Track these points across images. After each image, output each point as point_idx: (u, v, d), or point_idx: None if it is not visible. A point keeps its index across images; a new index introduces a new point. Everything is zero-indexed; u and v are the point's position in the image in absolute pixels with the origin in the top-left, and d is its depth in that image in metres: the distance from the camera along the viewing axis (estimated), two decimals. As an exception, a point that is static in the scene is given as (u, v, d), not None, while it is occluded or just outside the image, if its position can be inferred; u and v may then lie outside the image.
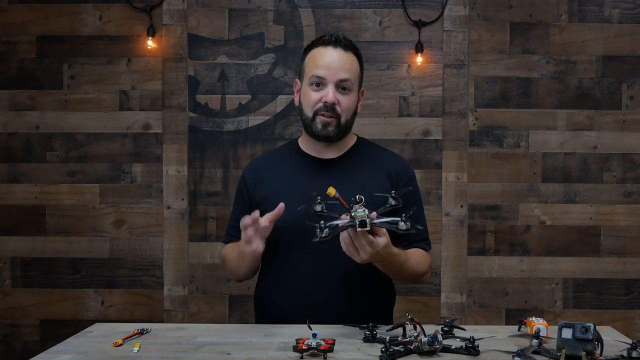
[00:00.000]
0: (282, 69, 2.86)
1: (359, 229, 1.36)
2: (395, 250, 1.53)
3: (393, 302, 1.83)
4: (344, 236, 1.42)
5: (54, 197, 2.88)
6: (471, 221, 2.86)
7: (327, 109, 1.66)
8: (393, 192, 1.47)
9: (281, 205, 1.54)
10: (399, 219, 1.38)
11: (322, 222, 1.39)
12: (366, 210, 1.37)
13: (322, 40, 1.70)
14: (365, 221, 1.35)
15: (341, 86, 1.67)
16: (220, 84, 2.87)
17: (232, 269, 1.78)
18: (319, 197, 1.44)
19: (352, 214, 1.37)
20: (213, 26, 2.86)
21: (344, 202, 1.39)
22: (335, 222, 1.41)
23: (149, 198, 2.88)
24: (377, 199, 1.51)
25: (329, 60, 1.66)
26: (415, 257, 1.68)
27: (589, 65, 2.85)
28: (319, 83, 1.67)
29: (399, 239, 1.58)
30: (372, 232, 1.41)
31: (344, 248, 1.43)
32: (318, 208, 1.45)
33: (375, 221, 1.38)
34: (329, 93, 1.65)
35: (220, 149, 2.87)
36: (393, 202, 1.46)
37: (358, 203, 1.39)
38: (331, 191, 1.39)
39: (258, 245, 1.55)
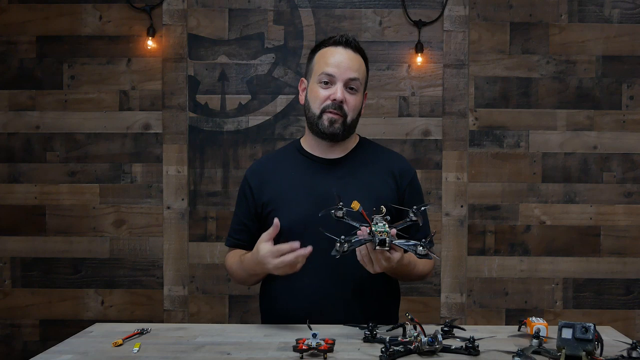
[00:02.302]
0: (282, 69, 2.86)
1: (377, 247, 1.36)
2: (406, 260, 1.55)
3: (398, 302, 1.83)
4: (360, 247, 1.42)
5: (54, 197, 2.88)
6: (471, 221, 2.86)
7: (335, 106, 1.66)
8: (415, 207, 1.46)
9: (276, 221, 1.54)
10: (417, 242, 1.37)
11: (342, 236, 1.38)
12: (386, 225, 1.37)
13: (332, 40, 1.72)
14: (385, 240, 1.35)
15: (349, 85, 1.68)
16: (220, 84, 2.87)
17: (238, 280, 1.78)
18: (341, 203, 1.44)
19: (372, 229, 1.37)
20: (213, 26, 2.86)
21: (367, 218, 1.39)
22: (355, 238, 1.39)
23: (149, 198, 2.88)
24: (388, 207, 1.51)
25: (339, 60, 1.68)
26: (422, 260, 1.68)
27: (589, 65, 2.85)
28: (328, 81, 1.68)
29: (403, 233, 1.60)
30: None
31: (359, 258, 1.44)
32: (339, 214, 1.44)
33: (395, 242, 1.38)
34: (338, 91, 1.66)
35: (220, 149, 2.87)
36: (414, 218, 1.45)
37: (380, 213, 1.39)
38: (355, 205, 1.39)
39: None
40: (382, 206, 1.42)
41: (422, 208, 1.47)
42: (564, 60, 2.85)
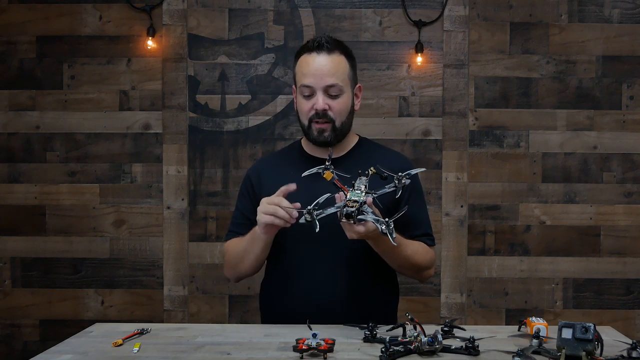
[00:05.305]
0: (282, 69, 2.86)
1: (342, 220, 1.39)
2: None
3: (398, 302, 1.83)
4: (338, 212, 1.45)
5: (54, 197, 2.88)
6: (471, 221, 2.86)
7: (319, 116, 1.67)
8: (400, 173, 1.47)
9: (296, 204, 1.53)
10: (384, 220, 1.38)
11: (309, 207, 1.41)
12: (363, 192, 1.40)
13: (306, 47, 1.70)
14: (350, 214, 1.37)
15: (329, 92, 1.67)
16: (220, 84, 2.87)
17: (236, 260, 1.73)
18: (327, 163, 1.47)
19: (348, 195, 1.40)
20: (213, 26, 2.86)
21: (342, 186, 1.43)
22: (328, 208, 1.42)
23: (149, 198, 2.88)
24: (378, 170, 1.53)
25: (314, 68, 1.66)
26: (413, 245, 1.67)
27: (589, 65, 2.85)
28: (308, 92, 1.68)
29: (402, 229, 1.59)
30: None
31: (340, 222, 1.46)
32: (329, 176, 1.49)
33: (361, 217, 1.39)
34: (319, 100, 1.66)
35: (220, 149, 2.87)
36: (396, 183, 1.46)
37: (366, 176, 1.43)
38: (327, 176, 1.44)
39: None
40: (372, 168, 1.44)
41: (413, 173, 1.49)
42: (564, 60, 2.85)
